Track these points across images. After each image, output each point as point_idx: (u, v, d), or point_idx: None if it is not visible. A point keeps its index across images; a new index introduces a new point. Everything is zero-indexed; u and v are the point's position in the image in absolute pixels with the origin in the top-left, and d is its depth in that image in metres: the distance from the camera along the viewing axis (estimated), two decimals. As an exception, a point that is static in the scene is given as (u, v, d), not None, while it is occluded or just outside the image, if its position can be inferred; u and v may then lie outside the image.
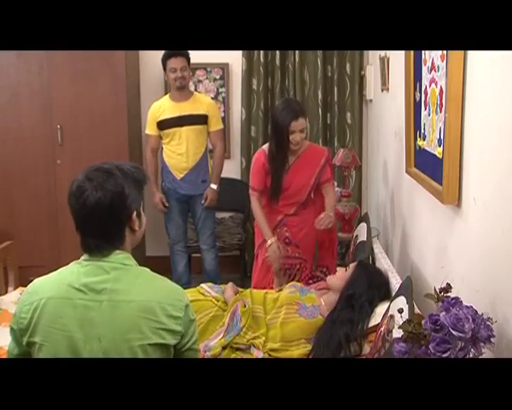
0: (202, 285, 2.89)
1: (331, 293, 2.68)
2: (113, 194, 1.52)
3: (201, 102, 3.86)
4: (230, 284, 2.85)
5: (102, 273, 1.55)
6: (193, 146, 3.82)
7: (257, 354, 2.47)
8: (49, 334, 1.54)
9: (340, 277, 2.69)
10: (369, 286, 2.52)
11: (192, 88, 4.25)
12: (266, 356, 2.46)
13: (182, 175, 3.86)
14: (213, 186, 3.90)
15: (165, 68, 3.80)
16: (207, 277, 3.94)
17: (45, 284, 1.61)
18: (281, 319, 2.57)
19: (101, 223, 1.54)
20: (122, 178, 1.55)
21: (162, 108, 3.84)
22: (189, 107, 3.82)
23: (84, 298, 1.54)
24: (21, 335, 1.59)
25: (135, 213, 1.59)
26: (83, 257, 1.61)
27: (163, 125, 3.83)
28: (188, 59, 3.80)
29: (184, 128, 3.79)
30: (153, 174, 3.95)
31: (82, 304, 1.53)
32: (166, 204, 3.90)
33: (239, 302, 2.64)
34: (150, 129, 3.90)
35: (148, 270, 1.64)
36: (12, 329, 1.62)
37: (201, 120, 3.84)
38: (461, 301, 1.54)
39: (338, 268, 2.86)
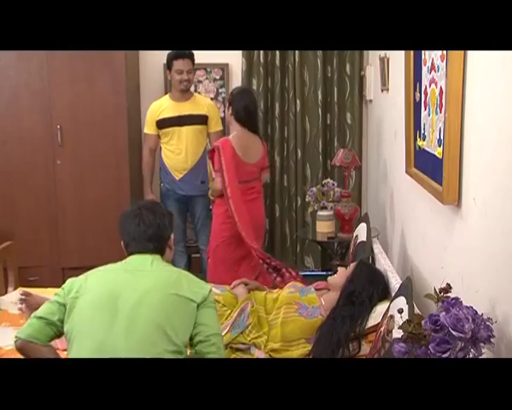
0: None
1: (331, 292, 2.70)
2: (160, 216, 2.08)
3: (202, 103, 3.85)
4: (244, 281, 2.87)
5: (144, 263, 2.00)
6: (192, 146, 3.81)
7: (258, 354, 2.47)
8: (92, 286, 1.92)
9: (340, 275, 2.72)
10: (370, 283, 2.54)
11: (192, 88, 4.24)
12: (267, 356, 2.46)
13: (181, 176, 3.84)
14: None
15: (169, 68, 3.78)
16: (207, 277, 3.94)
17: (92, 271, 2.01)
18: (281, 318, 2.58)
19: (151, 239, 2.03)
20: (160, 209, 2.14)
21: (162, 107, 3.82)
22: (189, 107, 3.81)
23: (129, 270, 1.98)
24: (65, 296, 1.93)
25: (172, 234, 2.13)
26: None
27: (162, 123, 3.81)
28: (193, 61, 3.79)
29: (184, 128, 3.78)
30: (149, 174, 3.94)
31: (127, 273, 1.97)
32: None
33: (250, 301, 2.65)
34: (149, 128, 3.88)
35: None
36: (58, 295, 1.95)
37: (201, 120, 3.82)
38: (461, 302, 1.54)
39: (339, 268, 2.88)
